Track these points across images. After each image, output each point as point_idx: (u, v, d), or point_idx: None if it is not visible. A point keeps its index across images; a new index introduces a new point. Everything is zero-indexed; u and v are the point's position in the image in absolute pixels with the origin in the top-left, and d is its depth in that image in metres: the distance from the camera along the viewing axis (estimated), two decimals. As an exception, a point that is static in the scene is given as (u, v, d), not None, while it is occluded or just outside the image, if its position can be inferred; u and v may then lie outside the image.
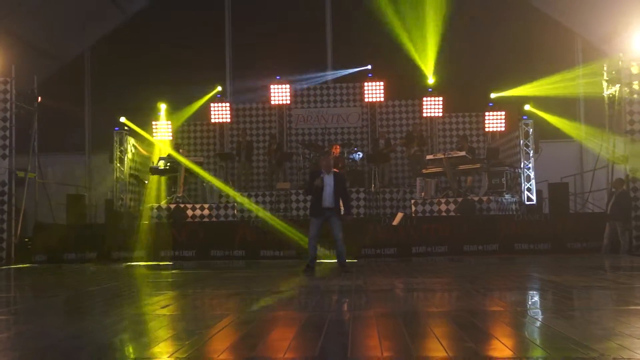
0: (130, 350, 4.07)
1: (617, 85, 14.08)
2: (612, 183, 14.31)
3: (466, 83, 18.48)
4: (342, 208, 9.85)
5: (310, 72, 19.19)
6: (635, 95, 13.64)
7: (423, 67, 18.29)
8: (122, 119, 16.79)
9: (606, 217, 13.69)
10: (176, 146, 17.33)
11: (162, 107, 17.94)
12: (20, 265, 13.49)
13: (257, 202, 16.20)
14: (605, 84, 14.66)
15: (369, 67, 18.50)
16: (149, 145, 17.73)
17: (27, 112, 14.85)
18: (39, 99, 15.14)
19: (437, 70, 19.45)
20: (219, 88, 18.72)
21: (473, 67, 18.72)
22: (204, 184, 16.17)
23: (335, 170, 10.26)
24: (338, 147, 16.73)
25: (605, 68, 14.65)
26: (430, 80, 18.22)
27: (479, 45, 19.02)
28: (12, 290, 9.10)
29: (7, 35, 16.34)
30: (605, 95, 14.71)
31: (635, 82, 13.63)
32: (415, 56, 18.35)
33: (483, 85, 18.25)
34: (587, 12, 18.61)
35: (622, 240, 13.33)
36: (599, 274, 9.29)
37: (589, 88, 15.97)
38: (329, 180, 9.55)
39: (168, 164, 15.76)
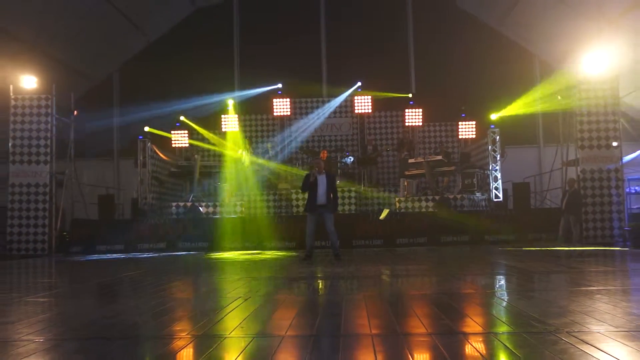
0: (154, 327, 4.08)
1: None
2: (566, 182, 14.37)
3: (442, 97, 18.49)
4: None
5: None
6: (583, 109, 13.68)
7: (405, 83, 18.34)
8: (146, 129, 16.80)
9: (561, 212, 13.75)
10: (191, 152, 17.32)
11: (181, 118, 17.97)
12: (59, 255, 13.48)
13: (261, 201, 16.21)
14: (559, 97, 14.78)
15: (359, 83, 18.54)
16: (167, 150, 17.76)
17: (65, 124, 14.85)
18: (75, 112, 15.15)
19: (417, 86, 19.58)
20: (230, 102, 18.70)
21: (447, 83, 18.75)
22: (216, 185, 16.17)
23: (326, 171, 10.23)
24: (325, 152, 16.72)
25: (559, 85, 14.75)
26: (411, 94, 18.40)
27: (451, 65, 19.08)
28: (53, 277, 9.09)
29: (49, 59, 16.37)
30: (560, 109, 14.81)
31: (584, 98, 13.70)
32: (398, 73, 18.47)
33: (456, 99, 18.31)
34: (544, 35, 18.69)
35: (574, 231, 13.39)
36: (555, 261, 9.32)
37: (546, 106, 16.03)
38: (322, 180, 9.55)
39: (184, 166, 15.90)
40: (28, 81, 14.21)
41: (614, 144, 13.56)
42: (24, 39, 15.66)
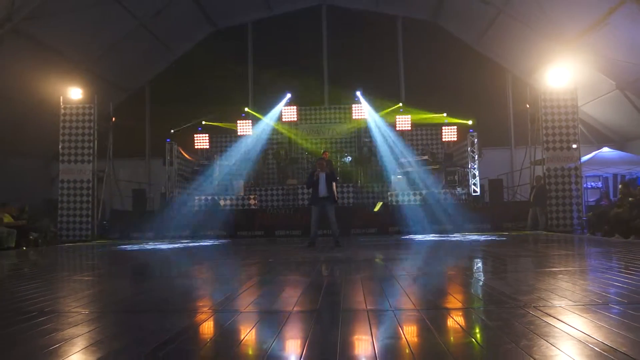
0: (180, 303, 4.10)
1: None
2: (534, 179, 14.36)
3: (428, 105, 18.45)
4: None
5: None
6: (548, 116, 13.70)
7: (396, 93, 18.29)
8: (172, 130, 16.86)
9: (529, 204, 13.76)
10: (211, 153, 17.32)
11: (202, 122, 18.00)
12: (100, 241, 13.53)
13: (271, 195, 16.22)
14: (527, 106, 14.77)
15: (358, 92, 18.46)
16: (191, 151, 17.80)
17: (105, 129, 14.92)
18: (113, 119, 15.22)
19: (406, 95, 19.52)
20: (246, 109, 18.71)
21: (432, 93, 18.71)
22: (233, 181, 16.19)
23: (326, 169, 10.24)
24: (327, 152, 16.69)
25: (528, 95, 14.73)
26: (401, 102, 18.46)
27: (436, 77, 19.03)
28: (95, 259, 9.13)
29: (92, 74, 16.47)
30: (528, 115, 14.78)
31: (549, 107, 13.70)
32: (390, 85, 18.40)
33: (440, 107, 18.24)
34: (514, 53, 18.62)
35: (540, 220, 13.40)
36: (524, 246, 9.32)
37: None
38: (322, 177, 9.64)
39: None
40: (75, 93, 14.34)
41: (574, 146, 13.60)
42: (73, 59, 15.78)
